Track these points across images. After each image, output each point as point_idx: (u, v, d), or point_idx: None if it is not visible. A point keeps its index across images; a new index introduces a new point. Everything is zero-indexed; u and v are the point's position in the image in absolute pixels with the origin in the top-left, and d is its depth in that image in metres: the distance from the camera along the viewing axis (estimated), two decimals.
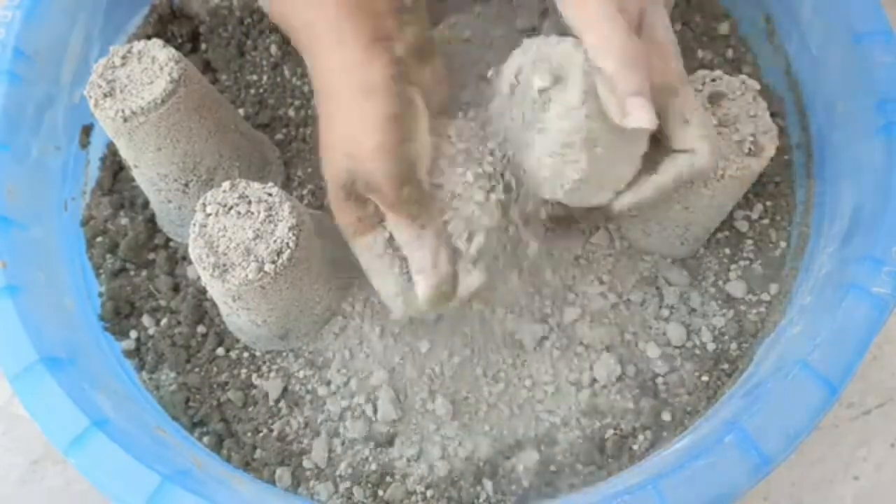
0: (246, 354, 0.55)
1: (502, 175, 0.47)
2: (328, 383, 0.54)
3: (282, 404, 0.54)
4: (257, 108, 0.62)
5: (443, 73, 0.47)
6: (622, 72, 0.39)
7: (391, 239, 0.47)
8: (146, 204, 0.59)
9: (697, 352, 0.54)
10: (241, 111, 0.62)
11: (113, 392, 0.51)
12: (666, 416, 0.52)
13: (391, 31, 0.44)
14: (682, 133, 0.43)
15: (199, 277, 0.54)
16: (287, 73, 0.63)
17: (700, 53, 0.64)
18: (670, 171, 0.44)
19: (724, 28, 0.65)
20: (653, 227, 0.54)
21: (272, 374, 0.54)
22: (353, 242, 0.48)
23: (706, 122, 0.44)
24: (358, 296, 0.55)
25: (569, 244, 0.55)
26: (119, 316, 0.57)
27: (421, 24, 0.46)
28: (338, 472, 0.52)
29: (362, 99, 0.43)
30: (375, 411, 0.53)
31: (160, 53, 0.50)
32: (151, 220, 0.59)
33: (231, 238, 0.46)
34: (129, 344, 0.56)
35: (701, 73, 0.50)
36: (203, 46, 0.65)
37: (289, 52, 0.63)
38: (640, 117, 0.39)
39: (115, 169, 0.61)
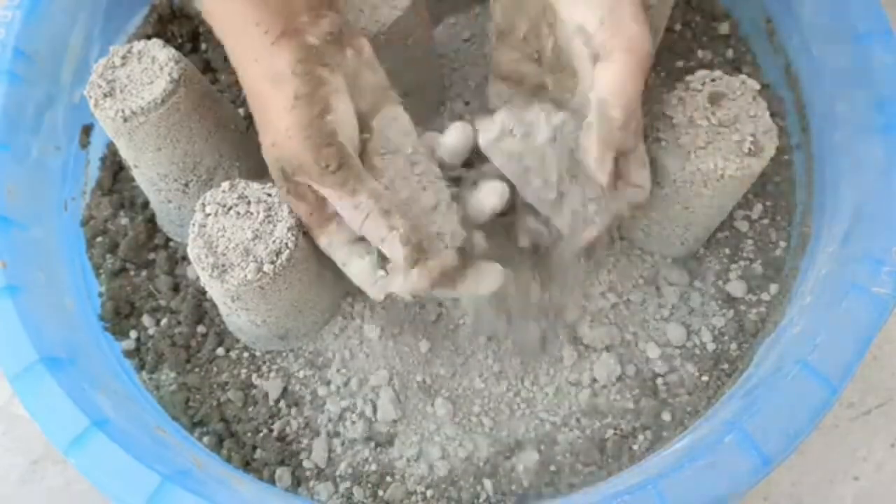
0: (246, 354, 0.55)
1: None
2: (328, 383, 0.54)
3: (282, 404, 0.54)
4: None
5: (370, 55, 0.47)
6: (624, 129, 0.44)
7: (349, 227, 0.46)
8: (146, 204, 0.59)
9: (697, 352, 0.54)
10: (241, 111, 0.62)
11: (113, 392, 0.51)
12: (666, 416, 0.52)
13: (301, 24, 0.44)
14: (637, 173, 0.48)
15: (199, 277, 0.54)
16: None
17: (700, 53, 0.64)
18: (621, 199, 0.48)
19: (724, 28, 0.65)
20: (653, 227, 0.54)
21: (272, 374, 0.54)
22: (315, 238, 0.47)
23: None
24: (358, 296, 0.55)
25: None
26: (119, 316, 0.57)
27: (337, 11, 0.46)
28: (338, 472, 0.52)
29: (270, 87, 0.44)
30: (375, 411, 0.53)
31: (160, 53, 0.50)
32: (151, 220, 0.59)
33: (230, 238, 0.46)
34: (129, 344, 0.56)
35: (701, 73, 0.50)
36: (203, 46, 0.65)
37: None
38: (603, 176, 0.45)
39: (115, 169, 0.61)
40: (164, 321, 0.57)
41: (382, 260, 0.46)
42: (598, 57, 0.45)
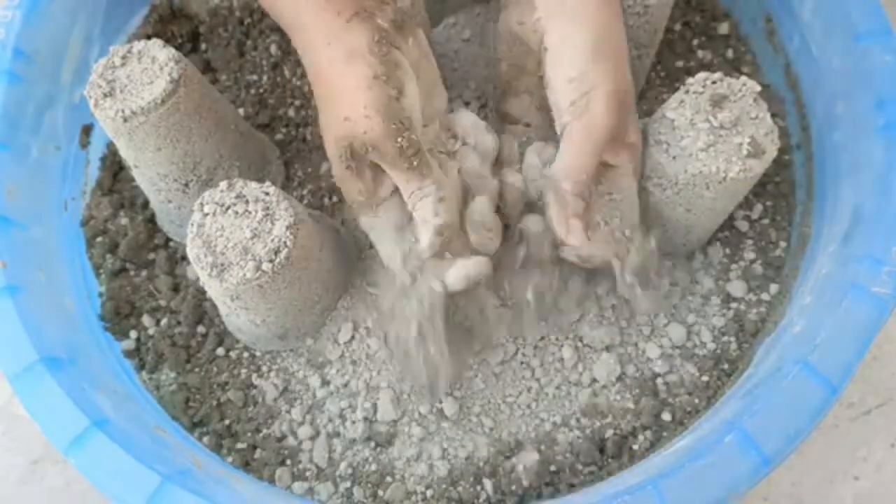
0: (246, 354, 0.55)
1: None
2: (328, 383, 0.54)
3: (282, 404, 0.54)
4: (257, 108, 0.62)
5: (426, 47, 0.49)
6: (575, 199, 0.47)
7: (398, 211, 0.48)
8: (146, 204, 0.59)
9: (697, 352, 0.54)
10: (241, 111, 0.62)
11: (113, 392, 0.51)
12: (666, 416, 0.52)
13: (370, 6, 0.46)
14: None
15: (199, 277, 0.54)
16: (287, 73, 0.63)
17: (700, 53, 0.64)
18: None
19: (724, 28, 0.65)
20: (654, 228, 0.54)
21: (272, 374, 0.54)
22: (358, 216, 0.49)
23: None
24: (356, 295, 0.55)
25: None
26: (119, 316, 0.57)
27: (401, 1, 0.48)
28: (338, 472, 0.52)
29: (346, 65, 0.45)
30: (375, 411, 0.53)
31: (160, 53, 0.50)
32: (151, 220, 0.59)
33: (229, 238, 0.46)
34: (129, 344, 0.56)
35: (701, 75, 0.50)
36: (203, 46, 0.65)
37: (289, 52, 0.63)
38: (580, 238, 0.48)
39: (115, 169, 0.61)
40: (164, 321, 0.56)
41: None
42: (562, 130, 0.49)
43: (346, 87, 0.45)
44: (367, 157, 0.46)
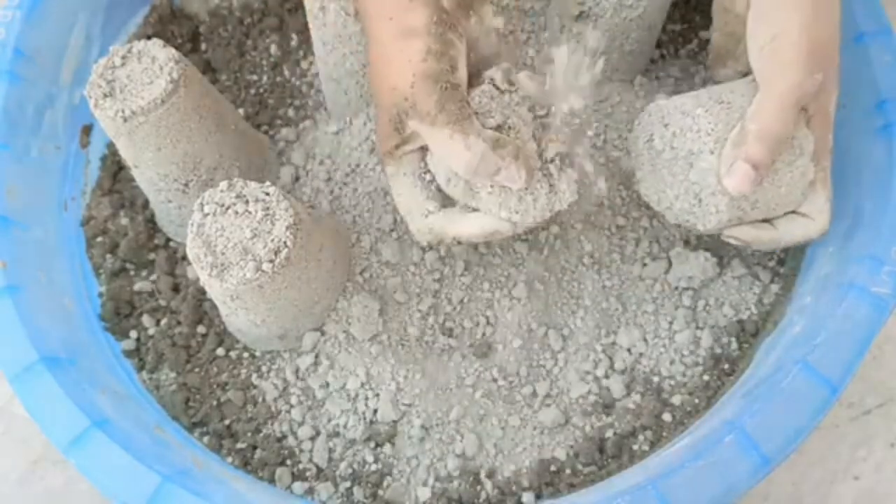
0: (246, 354, 0.55)
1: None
2: (328, 384, 0.54)
3: (281, 404, 0.54)
4: (257, 108, 0.62)
5: (491, 24, 0.50)
6: (756, 141, 0.45)
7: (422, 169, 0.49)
8: (146, 204, 0.59)
9: (697, 352, 0.54)
10: (241, 111, 0.62)
11: (113, 392, 0.51)
12: (666, 416, 0.52)
13: None
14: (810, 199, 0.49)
15: (199, 277, 0.54)
16: (287, 73, 0.63)
17: (700, 54, 0.64)
18: (789, 232, 0.49)
19: None
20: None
21: (272, 375, 0.54)
22: (387, 164, 0.50)
23: (830, 195, 0.49)
24: (356, 295, 0.55)
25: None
26: (119, 316, 0.57)
27: None
28: (338, 472, 0.52)
29: (403, 41, 0.47)
30: (375, 411, 0.53)
31: (160, 53, 0.50)
32: (151, 220, 0.59)
33: (229, 238, 0.47)
34: (129, 344, 0.56)
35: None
36: (203, 46, 0.65)
37: (289, 52, 0.63)
38: (738, 182, 0.46)
39: (115, 169, 0.61)
40: (164, 321, 0.56)
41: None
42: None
43: (396, 60, 0.47)
44: (410, 122, 0.47)
